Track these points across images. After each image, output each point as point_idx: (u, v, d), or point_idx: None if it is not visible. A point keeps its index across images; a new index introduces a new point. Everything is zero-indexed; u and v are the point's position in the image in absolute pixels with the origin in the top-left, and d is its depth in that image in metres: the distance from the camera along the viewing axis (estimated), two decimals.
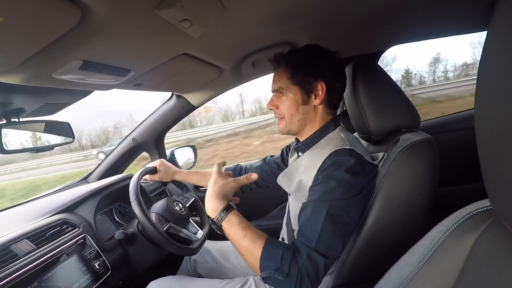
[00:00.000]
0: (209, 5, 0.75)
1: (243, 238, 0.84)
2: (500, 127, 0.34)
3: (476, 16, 1.22)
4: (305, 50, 1.01)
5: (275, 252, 0.81)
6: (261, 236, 0.86)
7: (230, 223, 0.87)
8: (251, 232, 0.86)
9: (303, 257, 0.80)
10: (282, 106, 1.03)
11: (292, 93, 1.00)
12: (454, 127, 1.73)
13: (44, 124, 1.25)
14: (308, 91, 0.99)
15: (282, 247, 0.82)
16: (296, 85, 0.99)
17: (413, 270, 0.52)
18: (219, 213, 0.89)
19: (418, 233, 0.59)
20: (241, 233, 0.85)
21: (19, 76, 0.77)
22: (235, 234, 0.86)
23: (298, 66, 0.99)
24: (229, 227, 0.87)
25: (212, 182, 0.97)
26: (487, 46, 0.37)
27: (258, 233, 0.86)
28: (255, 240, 0.84)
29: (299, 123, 1.02)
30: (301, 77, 0.98)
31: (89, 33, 0.67)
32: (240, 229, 0.86)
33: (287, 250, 0.81)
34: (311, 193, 0.91)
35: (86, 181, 1.75)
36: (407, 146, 0.94)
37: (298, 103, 1.00)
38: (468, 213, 0.49)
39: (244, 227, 0.87)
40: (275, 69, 1.05)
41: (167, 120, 1.81)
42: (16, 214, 1.23)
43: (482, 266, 0.43)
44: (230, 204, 0.92)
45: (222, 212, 0.89)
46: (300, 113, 1.01)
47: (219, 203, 0.91)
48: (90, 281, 1.02)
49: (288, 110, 1.01)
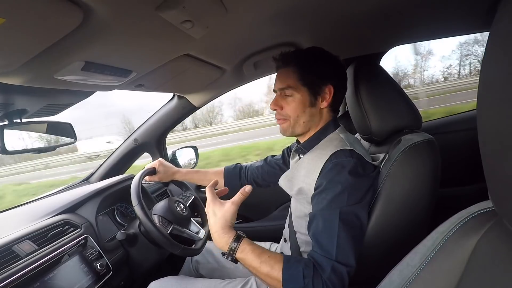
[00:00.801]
0: (210, 6, 0.75)
1: (261, 265, 0.82)
2: (502, 128, 0.34)
3: (478, 16, 1.22)
4: (313, 52, 1.01)
5: (295, 273, 0.80)
6: (277, 259, 0.84)
7: (244, 253, 0.84)
8: (266, 257, 0.83)
9: (327, 271, 0.79)
10: (288, 107, 1.00)
11: (300, 94, 0.98)
12: (456, 128, 1.73)
13: (46, 125, 1.25)
14: (316, 94, 0.98)
15: (300, 265, 0.81)
16: (305, 86, 0.97)
17: (415, 271, 0.52)
18: (231, 246, 0.85)
19: (420, 234, 0.59)
20: (257, 261, 0.83)
21: (21, 77, 0.78)
22: (252, 262, 0.83)
23: (308, 67, 0.97)
24: (244, 257, 0.84)
25: (210, 213, 0.91)
26: (489, 46, 0.37)
27: (273, 256, 0.84)
28: (272, 265, 0.82)
29: (304, 125, 1.01)
30: (310, 78, 0.97)
31: (91, 34, 0.67)
32: (256, 257, 0.83)
33: (306, 268, 0.80)
34: (317, 201, 0.90)
35: (88, 182, 1.75)
36: (408, 147, 0.94)
37: (305, 104, 0.98)
38: (470, 214, 0.48)
39: (259, 253, 0.84)
40: (281, 68, 1.02)
41: (168, 121, 1.81)
42: (18, 215, 1.24)
43: (484, 268, 0.42)
44: (239, 233, 0.88)
45: (233, 244, 0.85)
46: (307, 115, 1.00)
47: (228, 236, 0.87)
48: (91, 281, 1.02)
49: (295, 112, 0.99)
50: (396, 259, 0.59)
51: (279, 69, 1.03)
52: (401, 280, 0.54)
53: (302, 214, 1.01)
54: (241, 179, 1.43)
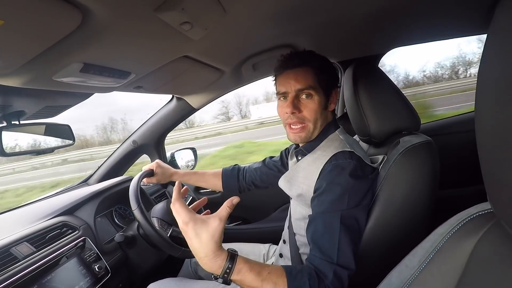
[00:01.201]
0: (209, 8, 0.75)
1: (262, 284, 0.74)
2: (501, 130, 0.34)
3: (476, 18, 1.22)
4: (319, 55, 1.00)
5: (301, 285, 0.76)
6: (278, 273, 0.77)
7: (242, 273, 0.74)
8: (267, 274, 0.76)
9: (329, 277, 0.78)
10: (306, 109, 0.95)
11: (318, 96, 0.94)
12: (455, 130, 1.73)
13: (45, 126, 1.25)
14: (328, 96, 0.98)
15: (304, 276, 0.77)
16: (322, 88, 0.95)
17: (414, 273, 0.52)
18: (225, 269, 0.72)
19: (419, 235, 0.59)
20: (258, 279, 0.74)
21: (19, 79, 0.78)
22: (252, 282, 0.74)
23: (324, 68, 0.96)
24: (242, 278, 0.74)
25: (191, 234, 0.73)
26: (487, 48, 0.37)
27: (274, 271, 0.77)
28: (275, 281, 0.75)
29: (319, 128, 0.99)
30: (325, 80, 0.96)
31: (90, 35, 0.67)
32: (255, 275, 0.74)
33: (312, 278, 0.77)
34: (317, 203, 0.89)
35: (86, 184, 1.75)
36: (407, 149, 0.94)
37: (322, 107, 0.96)
38: (468, 216, 0.48)
39: (258, 271, 0.75)
40: (297, 68, 0.95)
41: (167, 123, 1.81)
42: (16, 217, 1.23)
43: (482, 269, 0.42)
44: (231, 252, 0.76)
45: (227, 265, 0.73)
46: (323, 118, 0.98)
47: (220, 258, 0.73)
48: (90, 283, 1.02)
49: (315, 114, 0.95)
50: (395, 261, 0.59)
51: (293, 68, 0.95)
52: (400, 281, 0.54)
53: (301, 216, 1.01)
54: (239, 180, 1.43)
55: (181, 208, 0.76)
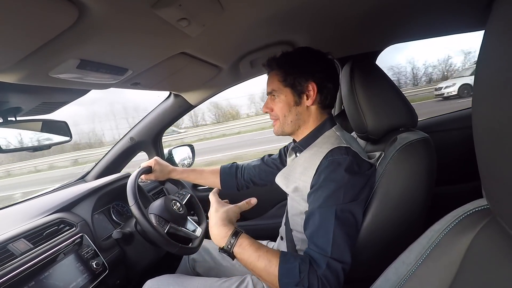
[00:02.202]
0: (207, 5, 0.74)
1: (258, 260, 0.82)
2: (497, 126, 0.34)
3: (473, 15, 1.22)
4: (296, 53, 1.03)
5: (291, 267, 0.80)
6: (274, 253, 0.84)
7: (242, 247, 0.84)
8: (264, 252, 0.84)
9: (322, 267, 0.80)
10: (275, 108, 1.04)
11: (284, 95, 1.01)
12: (452, 126, 1.74)
13: (41, 123, 1.24)
14: (299, 92, 1.00)
15: (297, 260, 0.82)
16: (288, 87, 1.01)
17: (411, 269, 0.52)
18: (229, 239, 0.85)
19: (416, 232, 0.59)
20: (255, 255, 0.83)
21: (15, 75, 0.77)
22: (249, 257, 0.83)
23: (289, 68, 1.01)
24: (242, 251, 0.84)
25: (213, 210, 0.94)
26: (484, 45, 0.37)
27: (271, 251, 0.85)
28: (270, 259, 0.82)
29: (292, 123, 1.03)
30: (292, 78, 1.00)
31: (86, 31, 0.67)
32: (254, 251, 0.83)
33: (303, 263, 0.81)
34: (314, 198, 0.90)
35: (83, 180, 1.75)
36: (404, 145, 0.94)
37: (290, 104, 1.01)
38: (465, 212, 0.49)
39: (257, 248, 0.84)
40: (268, 73, 1.07)
41: (164, 119, 1.80)
42: (13, 213, 1.23)
43: (479, 265, 0.43)
44: (238, 229, 0.89)
45: (231, 238, 0.85)
46: (293, 114, 1.02)
47: (227, 229, 0.87)
48: (87, 280, 1.02)
49: (282, 111, 1.03)
50: (392, 257, 0.59)
51: (268, 73, 1.08)
52: (397, 277, 0.54)
53: (297, 212, 1.02)
54: (238, 178, 1.43)
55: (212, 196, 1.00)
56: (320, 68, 1.00)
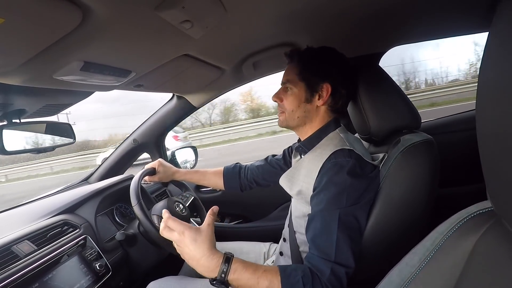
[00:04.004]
0: (210, 7, 0.75)
1: (258, 283, 0.77)
2: (501, 129, 0.34)
3: (477, 17, 1.22)
4: (320, 51, 1.03)
5: (295, 282, 0.78)
6: (273, 271, 0.80)
7: (238, 272, 0.77)
8: (262, 273, 0.79)
9: (326, 274, 0.79)
10: (285, 100, 1.03)
11: (297, 89, 1.00)
12: (455, 128, 1.73)
13: (45, 125, 1.25)
14: (312, 90, 0.99)
15: (299, 274, 0.79)
16: (303, 81, 1.00)
17: (414, 272, 0.52)
18: (222, 268, 0.77)
19: (419, 234, 0.59)
20: (253, 278, 0.78)
21: (20, 77, 0.78)
22: (248, 281, 0.78)
23: (308, 64, 1.00)
24: (238, 277, 0.77)
25: (188, 241, 0.80)
26: (488, 47, 0.37)
27: (268, 270, 0.80)
28: (270, 279, 0.78)
29: (299, 119, 1.03)
30: (309, 74, 0.99)
31: (90, 34, 0.67)
32: (251, 274, 0.78)
33: (305, 275, 0.79)
34: (316, 201, 0.90)
35: (87, 182, 1.75)
36: (407, 147, 0.94)
37: (301, 100, 1.00)
38: (469, 215, 0.48)
39: (254, 270, 0.79)
40: (288, 64, 1.06)
41: (167, 121, 1.81)
42: (17, 215, 1.24)
43: (483, 268, 0.42)
44: (227, 253, 0.81)
45: (224, 266, 0.77)
46: (301, 110, 1.01)
47: (216, 256, 0.79)
48: (91, 282, 1.02)
49: (291, 105, 1.02)
50: (395, 259, 0.59)
51: (288, 64, 1.06)
52: (400, 280, 0.54)
53: (301, 214, 1.01)
54: (241, 178, 1.43)
55: (174, 223, 0.84)
56: (339, 71, 1.00)
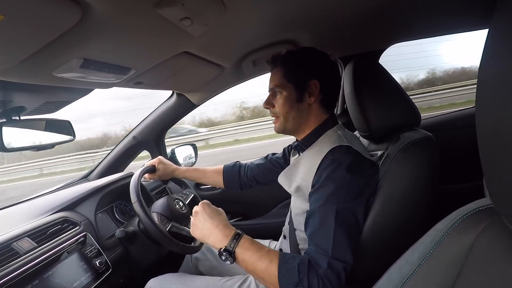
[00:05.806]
0: (210, 4, 0.74)
1: (260, 260, 0.83)
2: (501, 126, 0.34)
3: (477, 14, 1.22)
4: (301, 51, 1.04)
5: (290, 268, 0.80)
6: (275, 254, 0.84)
7: (244, 247, 0.85)
8: (265, 252, 0.84)
9: (323, 267, 0.79)
10: (277, 104, 1.03)
11: (286, 92, 1.00)
12: (455, 126, 1.73)
13: (45, 122, 1.25)
14: (302, 90, 1.00)
15: (296, 261, 0.81)
16: (290, 83, 1.00)
17: (414, 269, 0.52)
18: (231, 240, 0.86)
19: (419, 231, 0.59)
20: (257, 255, 0.83)
21: (19, 74, 0.78)
22: (251, 257, 0.84)
23: (293, 65, 1.01)
24: (243, 251, 0.84)
25: (206, 217, 0.93)
26: (488, 44, 0.37)
27: (272, 252, 0.85)
28: (271, 259, 0.82)
29: (294, 121, 1.03)
30: (294, 75, 1.00)
31: (90, 31, 0.67)
32: (255, 251, 0.84)
33: (301, 263, 0.81)
34: (314, 197, 0.90)
35: (86, 180, 1.75)
36: (407, 145, 0.94)
37: (292, 101, 1.00)
38: (468, 212, 0.49)
39: (258, 248, 0.85)
40: (272, 70, 1.06)
41: (167, 119, 1.81)
42: (17, 212, 1.23)
43: (482, 265, 0.43)
44: (239, 230, 0.90)
45: (234, 238, 0.86)
46: (295, 111, 1.01)
47: (229, 229, 0.89)
48: (91, 279, 1.02)
49: (283, 108, 1.01)
50: (395, 257, 0.59)
51: (271, 70, 1.07)
52: (400, 277, 0.54)
53: (300, 211, 1.02)
54: (241, 177, 1.43)
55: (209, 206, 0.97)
56: (323, 67, 1.01)
